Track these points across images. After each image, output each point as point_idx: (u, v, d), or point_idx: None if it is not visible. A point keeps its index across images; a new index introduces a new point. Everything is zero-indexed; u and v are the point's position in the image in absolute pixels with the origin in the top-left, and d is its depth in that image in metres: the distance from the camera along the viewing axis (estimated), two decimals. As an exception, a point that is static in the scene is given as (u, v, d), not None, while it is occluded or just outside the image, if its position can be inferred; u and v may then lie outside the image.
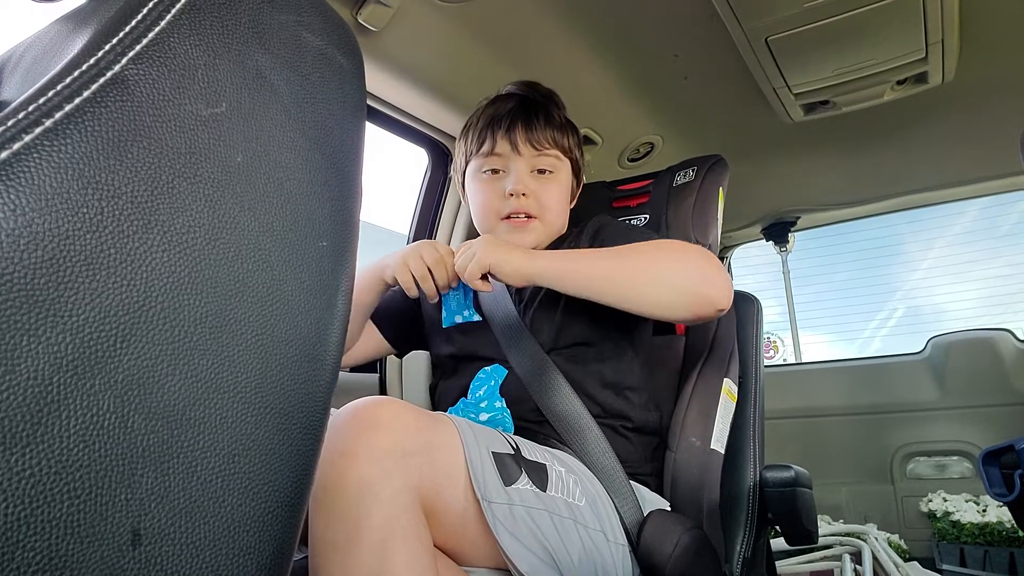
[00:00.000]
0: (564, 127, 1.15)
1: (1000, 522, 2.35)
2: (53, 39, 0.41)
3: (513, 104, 1.14)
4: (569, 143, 1.15)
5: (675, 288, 0.92)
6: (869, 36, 1.47)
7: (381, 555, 0.62)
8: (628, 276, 0.93)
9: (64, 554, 0.28)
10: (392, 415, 0.68)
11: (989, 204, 5.35)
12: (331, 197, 0.44)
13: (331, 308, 0.43)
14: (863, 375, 2.85)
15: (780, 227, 2.63)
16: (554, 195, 1.12)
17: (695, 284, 0.92)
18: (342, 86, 0.46)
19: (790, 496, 1.06)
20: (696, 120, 1.94)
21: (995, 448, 1.09)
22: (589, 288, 0.93)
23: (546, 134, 1.10)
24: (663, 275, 0.92)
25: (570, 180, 1.18)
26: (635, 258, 0.95)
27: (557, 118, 1.14)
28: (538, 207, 1.10)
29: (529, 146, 1.10)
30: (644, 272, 0.93)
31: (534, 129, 1.10)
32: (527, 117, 1.11)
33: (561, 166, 1.14)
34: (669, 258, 0.94)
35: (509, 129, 1.10)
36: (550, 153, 1.11)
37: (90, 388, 0.30)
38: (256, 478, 0.37)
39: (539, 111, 1.12)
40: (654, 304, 0.93)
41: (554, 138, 1.11)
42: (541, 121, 1.11)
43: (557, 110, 1.17)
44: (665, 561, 0.84)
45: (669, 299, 0.92)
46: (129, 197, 0.32)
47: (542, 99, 1.17)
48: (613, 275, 0.93)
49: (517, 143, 1.09)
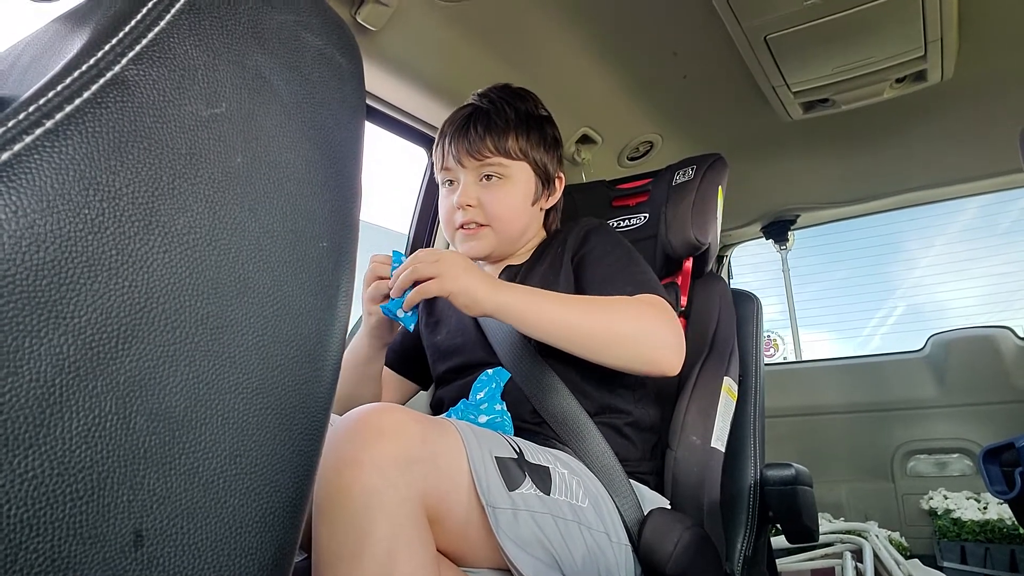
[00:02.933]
0: (512, 129, 1.12)
1: (1001, 519, 2.35)
2: (52, 39, 0.41)
3: (461, 115, 1.14)
4: (520, 145, 1.12)
5: (630, 355, 0.95)
6: (868, 34, 1.47)
7: (387, 565, 0.62)
8: (587, 335, 0.93)
9: (66, 555, 0.29)
10: (396, 423, 0.68)
11: (989, 201, 5.35)
12: (331, 197, 0.44)
13: (331, 308, 0.43)
14: (863, 373, 2.85)
15: (780, 225, 2.63)
16: (503, 200, 1.12)
17: (650, 353, 0.95)
18: (341, 86, 0.46)
19: (791, 494, 1.06)
20: (695, 118, 1.94)
21: (996, 445, 1.09)
22: (546, 335, 0.93)
23: (485, 142, 1.09)
24: (621, 341, 0.94)
25: (530, 181, 1.15)
26: (598, 316, 0.95)
27: (502, 122, 1.12)
28: (486, 215, 1.11)
29: (470, 157, 1.10)
30: (603, 335, 0.94)
31: (472, 140, 1.10)
32: (467, 128, 1.11)
33: (510, 171, 1.12)
34: (644, 322, 0.96)
35: (452, 142, 1.12)
36: (492, 160, 1.10)
37: (92, 389, 0.30)
38: (258, 479, 0.37)
39: (480, 120, 1.11)
40: (606, 362, 0.95)
41: (495, 144, 1.10)
42: (480, 130, 1.10)
43: (506, 113, 1.13)
44: (666, 559, 0.84)
45: (622, 363, 0.96)
46: (130, 198, 0.32)
47: (489, 104, 1.15)
48: (573, 330, 0.93)
49: (459, 155, 1.11)
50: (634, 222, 1.36)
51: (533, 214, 1.18)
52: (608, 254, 1.09)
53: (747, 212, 2.58)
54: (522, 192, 1.14)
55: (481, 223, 1.12)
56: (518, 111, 1.15)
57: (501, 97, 1.17)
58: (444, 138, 1.14)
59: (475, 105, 1.16)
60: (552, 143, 1.19)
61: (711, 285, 1.27)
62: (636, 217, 1.36)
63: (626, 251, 1.11)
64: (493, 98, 1.16)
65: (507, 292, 0.92)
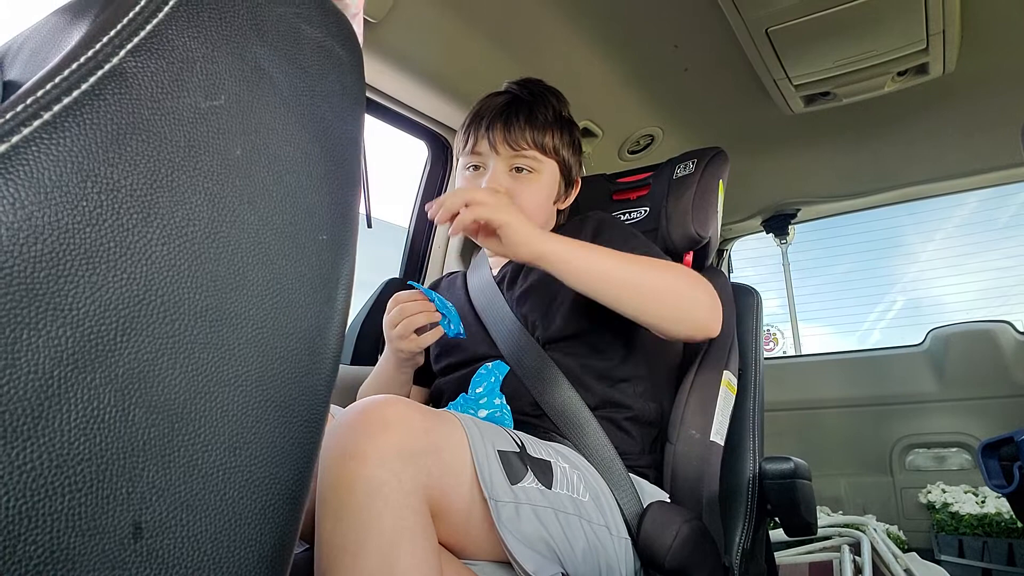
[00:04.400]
0: (551, 126, 1.13)
1: (998, 513, 2.36)
2: (51, 30, 0.41)
3: (500, 101, 1.14)
4: (555, 143, 1.13)
5: (681, 310, 0.96)
6: (870, 27, 1.47)
7: (390, 558, 0.62)
8: (638, 285, 0.93)
9: (65, 547, 0.29)
10: (400, 415, 0.68)
11: (988, 196, 5.34)
12: (331, 190, 0.43)
13: (331, 302, 0.43)
14: (863, 367, 2.85)
15: (780, 219, 2.63)
16: (531, 195, 1.11)
17: (700, 312, 0.97)
18: (341, 78, 0.46)
19: (789, 488, 1.06)
20: (696, 112, 1.94)
21: (994, 440, 1.09)
22: (594, 285, 0.91)
23: (525, 134, 1.09)
24: (673, 295, 0.95)
25: (555, 180, 1.16)
26: (649, 270, 0.95)
27: (543, 117, 1.12)
28: None
29: (506, 145, 1.10)
30: (648, 289, 0.93)
31: (512, 129, 1.09)
32: (508, 116, 1.11)
33: (542, 166, 1.12)
34: (682, 282, 0.97)
35: (489, 127, 1.11)
36: (528, 153, 1.10)
37: (91, 382, 0.30)
38: (257, 471, 0.37)
39: (521, 110, 1.11)
40: (656, 318, 0.95)
41: (534, 138, 1.10)
42: (521, 121, 1.10)
43: (546, 110, 1.14)
44: (665, 552, 0.84)
45: (672, 318, 0.95)
46: (128, 190, 0.32)
47: (531, 97, 1.15)
48: (618, 282, 0.92)
49: (495, 142, 1.10)
50: (634, 216, 1.36)
51: (551, 213, 1.19)
52: (629, 239, 1.10)
53: (748, 206, 2.58)
54: (547, 189, 1.15)
55: None
56: (555, 109, 1.16)
57: (542, 92, 1.17)
58: (480, 120, 1.13)
59: (515, 94, 1.16)
60: (577, 147, 1.20)
61: (711, 279, 1.26)
62: (637, 211, 1.36)
63: (644, 241, 1.12)
64: (535, 91, 1.16)
65: (554, 239, 0.91)
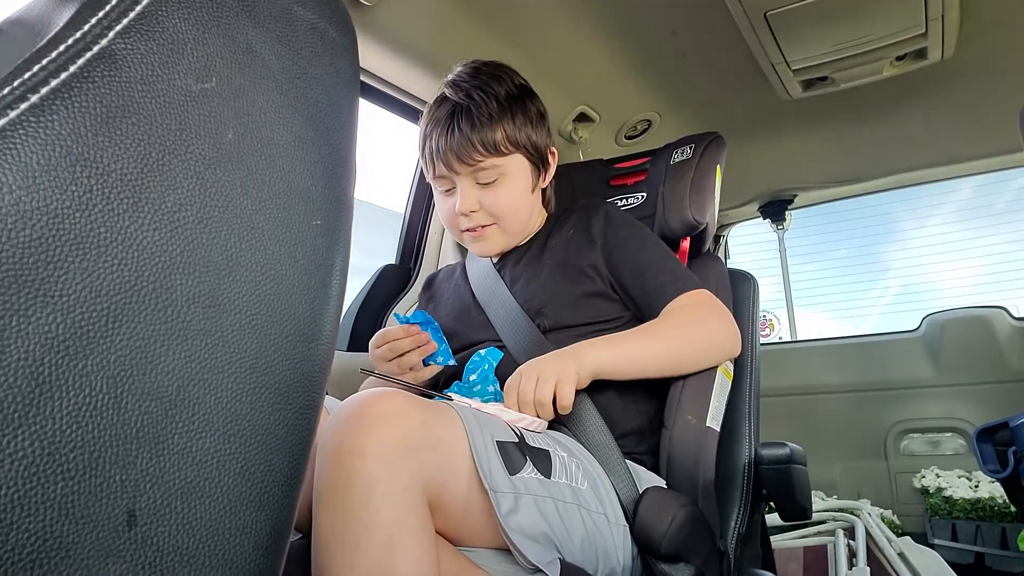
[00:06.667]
0: (499, 119, 1.07)
1: (992, 498, 2.37)
2: (40, 13, 0.40)
3: (442, 115, 1.08)
4: (509, 134, 1.07)
5: (713, 354, 1.06)
6: (869, 11, 1.46)
7: (388, 553, 0.62)
8: (675, 358, 1.03)
9: (59, 535, 0.28)
10: (398, 409, 0.67)
11: (984, 182, 5.34)
12: (324, 174, 0.43)
13: (326, 287, 0.43)
14: (858, 353, 2.86)
15: (777, 205, 2.62)
16: (506, 199, 1.10)
17: (723, 349, 1.07)
18: (335, 61, 0.45)
19: (785, 473, 1.07)
20: (694, 97, 1.93)
21: (989, 425, 1.09)
22: (643, 372, 1.00)
23: (474, 144, 1.05)
24: (706, 344, 1.05)
25: (526, 169, 1.12)
26: (681, 333, 1.03)
27: (488, 114, 1.06)
28: (489, 216, 1.11)
29: (462, 163, 1.06)
30: (687, 353, 1.03)
31: (460, 144, 1.05)
32: (451, 131, 1.05)
33: (506, 165, 1.09)
34: (709, 325, 1.05)
35: (438, 150, 1.07)
36: (486, 164, 1.06)
37: (83, 369, 0.29)
38: (252, 458, 0.37)
39: (463, 119, 1.06)
40: (695, 368, 1.05)
41: (484, 143, 1.05)
42: (466, 130, 1.05)
43: (488, 102, 1.07)
44: (661, 537, 0.85)
45: (707, 363, 1.06)
46: (118, 175, 0.31)
47: (468, 99, 1.07)
48: (661, 356, 1.01)
49: (450, 163, 1.07)
50: (631, 201, 1.35)
51: (535, 200, 1.18)
52: (638, 237, 1.12)
53: (745, 191, 2.57)
54: (521, 185, 1.13)
55: (486, 223, 1.11)
56: (498, 97, 1.08)
57: (476, 86, 1.09)
58: (428, 141, 1.09)
59: (452, 101, 1.09)
60: (538, 117, 1.14)
61: (708, 265, 1.27)
62: (633, 196, 1.35)
63: (655, 241, 1.14)
64: (468, 89, 1.08)
65: (595, 349, 0.96)
